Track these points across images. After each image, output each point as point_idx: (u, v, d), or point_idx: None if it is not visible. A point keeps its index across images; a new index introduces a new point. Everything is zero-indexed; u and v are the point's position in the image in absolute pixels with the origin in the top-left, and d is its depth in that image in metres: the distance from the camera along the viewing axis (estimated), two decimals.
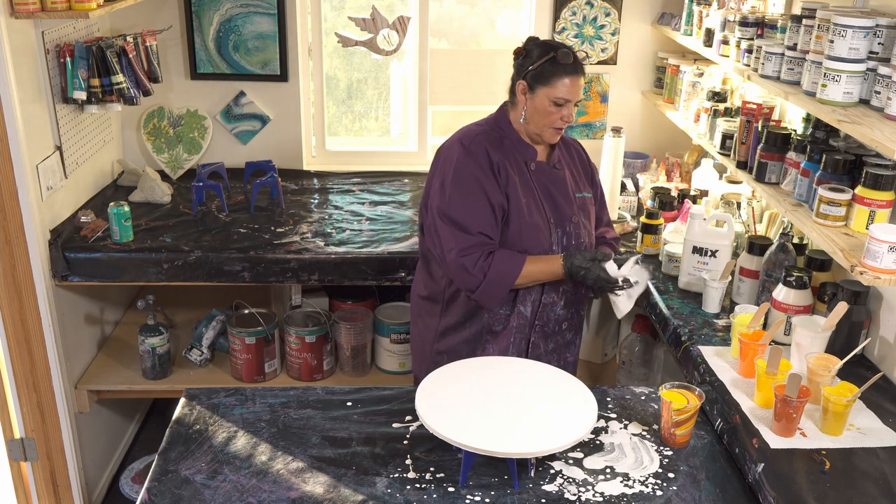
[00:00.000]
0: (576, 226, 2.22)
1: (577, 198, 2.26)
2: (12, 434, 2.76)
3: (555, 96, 2.10)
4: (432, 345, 2.30)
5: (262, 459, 1.78)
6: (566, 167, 2.27)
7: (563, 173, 2.25)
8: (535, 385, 1.86)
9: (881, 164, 1.95)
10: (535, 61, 2.11)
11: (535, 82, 2.11)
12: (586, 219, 2.27)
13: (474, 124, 2.27)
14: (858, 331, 2.03)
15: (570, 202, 2.23)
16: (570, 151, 2.33)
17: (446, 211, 2.13)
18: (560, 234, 2.19)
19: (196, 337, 3.02)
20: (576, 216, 2.23)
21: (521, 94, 2.15)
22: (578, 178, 2.30)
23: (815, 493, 1.61)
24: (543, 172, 2.22)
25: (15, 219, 2.51)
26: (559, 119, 2.13)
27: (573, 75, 2.10)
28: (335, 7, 3.54)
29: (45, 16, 2.46)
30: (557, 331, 2.28)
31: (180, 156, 3.44)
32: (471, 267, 2.10)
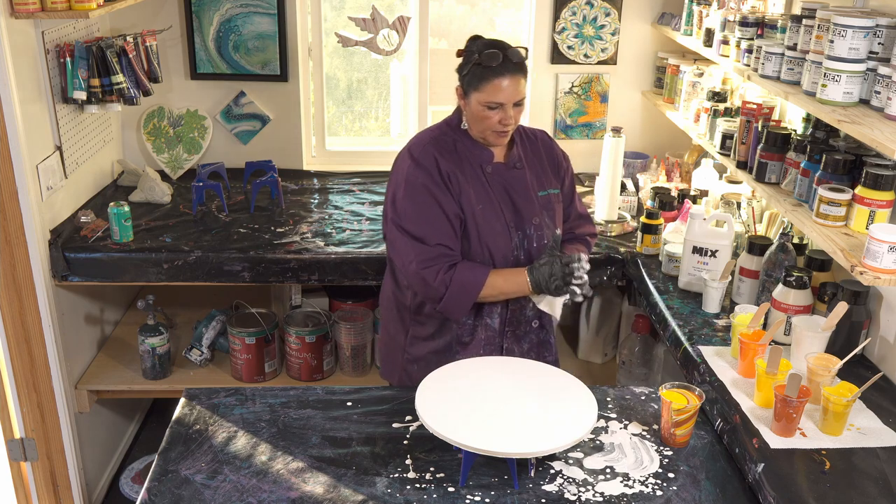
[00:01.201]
0: (537, 227, 2.14)
1: (541, 196, 2.18)
2: (12, 434, 2.76)
3: (486, 101, 2.01)
4: (402, 352, 2.25)
5: (262, 459, 1.78)
6: (528, 165, 2.19)
7: (523, 173, 2.17)
8: (535, 385, 1.86)
9: (881, 164, 1.95)
10: (466, 65, 2.05)
11: (468, 87, 2.04)
12: (551, 218, 2.19)
13: (427, 130, 2.19)
14: (858, 331, 2.03)
15: (531, 202, 2.15)
16: (534, 146, 2.23)
17: (402, 223, 2.07)
18: (521, 237, 2.13)
19: (196, 337, 3.02)
20: (538, 217, 2.15)
21: (460, 100, 2.09)
22: (543, 174, 2.21)
23: (815, 493, 1.61)
24: (501, 174, 2.14)
25: (15, 219, 2.51)
26: (498, 123, 2.03)
27: (504, 76, 1.99)
28: (335, 7, 3.54)
29: (45, 16, 2.46)
30: (529, 330, 2.23)
31: (180, 156, 3.44)
32: (432, 280, 2.04)
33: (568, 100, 3.54)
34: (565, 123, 3.57)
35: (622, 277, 2.82)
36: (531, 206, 2.15)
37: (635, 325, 2.94)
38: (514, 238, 2.13)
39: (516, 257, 2.14)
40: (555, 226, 2.20)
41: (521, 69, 2.03)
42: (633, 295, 3.03)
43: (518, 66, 2.02)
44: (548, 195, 2.20)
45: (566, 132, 3.59)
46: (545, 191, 2.20)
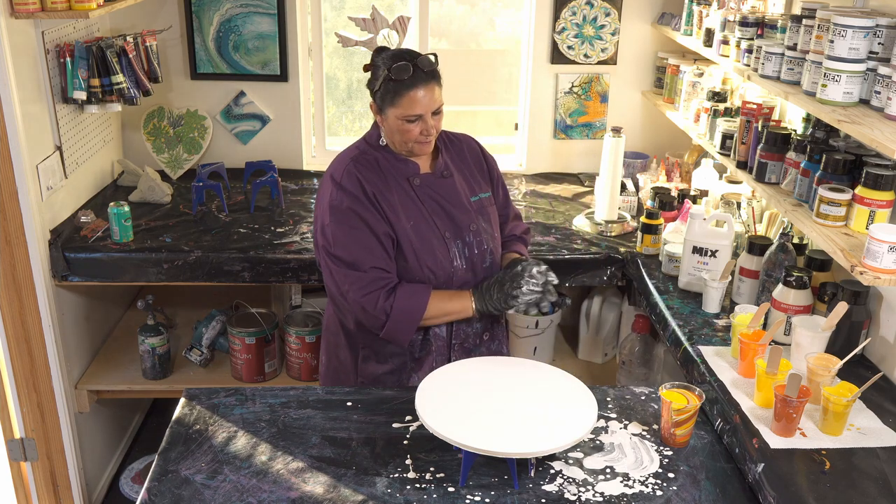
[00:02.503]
0: (475, 233, 2.09)
1: (474, 202, 2.12)
2: (12, 434, 2.76)
3: (403, 115, 1.95)
4: (354, 376, 2.18)
5: (262, 459, 1.78)
6: (456, 171, 2.13)
7: (452, 180, 2.11)
8: (535, 385, 1.86)
9: (881, 164, 1.95)
10: (377, 80, 1.98)
11: (382, 103, 1.98)
12: (487, 222, 2.13)
13: (346, 150, 2.11)
14: (858, 331, 2.03)
15: (465, 210, 2.09)
16: (459, 151, 2.17)
17: (333, 251, 2.00)
18: (460, 246, 2.07)
19: (196, 337, 3.02)
20: (475, 223, 2.10)
21: (376, 115, 2.03)
22: (472, 178, 2.16)
23: (815, 493, 1.61)
24: (430, 185, 2.07)
25: (15, 219, 2.51)
26: (419, 133, 1.98)
27: (418, 87, 1.93)
28: (335, 7, 3.54)
29: (45, 16, 2.46)
30: (478, 343, 2.18)
31: (180, 156, 3.44)
32: (371, 308, 1.98)
33: (568, 100, 3.54)
34: (565, 123, 3.57)
35: (622, 277, 2.82)
36: (466, 213, 2.10)
37: (635, 325, 2.94)
38: (453, 248, 2.07)
39: (458, 268, 2.07)
40: (492, 229, 2.15)
41: (433, 77, 1.98)
42: (633, 295, 3.03)
43: (430, 74, 1.97)
44: (480, 199, 2.14)
45: (566, 132, 3.59)
46: (477, 195, 2.14)
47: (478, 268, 2.12)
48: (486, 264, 2.13)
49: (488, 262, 2.13)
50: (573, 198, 3.34)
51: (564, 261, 2.77)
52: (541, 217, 3.10)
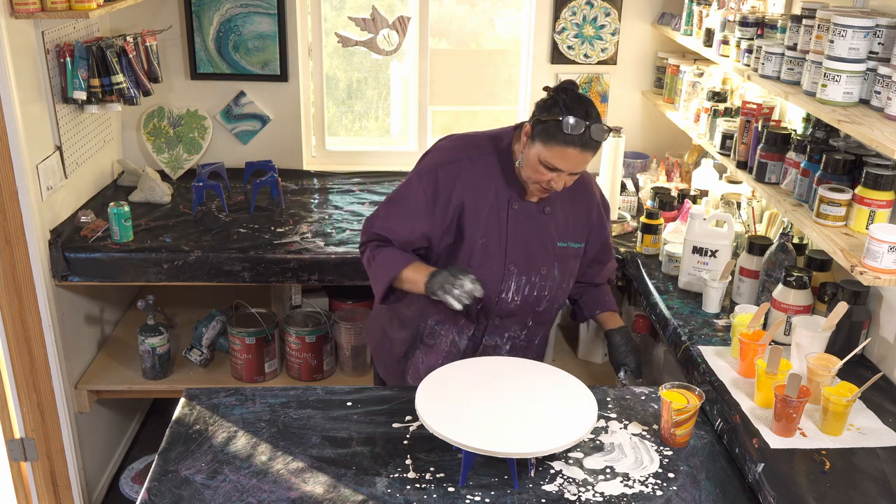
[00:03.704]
0: (544, 277, 2.07)
1: (560, 248, 2.09)
2: (12, 434, 2.76)
3: (546, 160, 1.90)
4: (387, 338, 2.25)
5: (262, 459, 1.78)
6: (560, 210, 2.08)
7: (549, 219, 2.07)
8: (535, 385, 1.86)
9: (881, 164, 1.95)
10: (547, 113, 1.92)
11: (537, 136, 1.92)
12: (562, 271, 2.10)
13: (482, 138, 2.09)
14: (858, 331, 2.03)
15: (545, 252, 2.07)
16: (573, 192, 2.08)
17: (391, 195, 2.11)
18: (523, 282, 2.06)
19: (196, 337, 3.02)
20: (547, 267, 2.07)
21: (524, 136, 1.97)
22: (571, 224, 2.10)
23: (815, 493, 1.61)
24: (525, 213, 2.05)
25: (15, 219, 2.51)
26: (547, 182, 1.94)
27: (575, 147, 1.87)
28: (335, 7, 3.54)
29: (45, 16, 2.46)
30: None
31: (180, 156, 3.44)
32: (363, 249, 2.13)
33: None
34: None
35: (622, 277, 2.82)
36: (545, 255, 2.07)
37: (635, 325, 2.94)
38: (512, 281, 2.05)
39: (505, 299, 2.06)
40: (563, 280, 2.12)
41: (595, 147, 1.91)
42: (633, 295, 3.02)
43: (595, 144, 1.90)
44: (567, 248, 2.10)
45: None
46: (565, 242, 2.10)
47: (530, 308, 2.12)
48: (541, 308, 2.13)
49: (543, 307, 2.13)
50: None
51: None
52: None
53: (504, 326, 2.14)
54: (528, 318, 2.14)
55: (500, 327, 2.13)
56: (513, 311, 2.11)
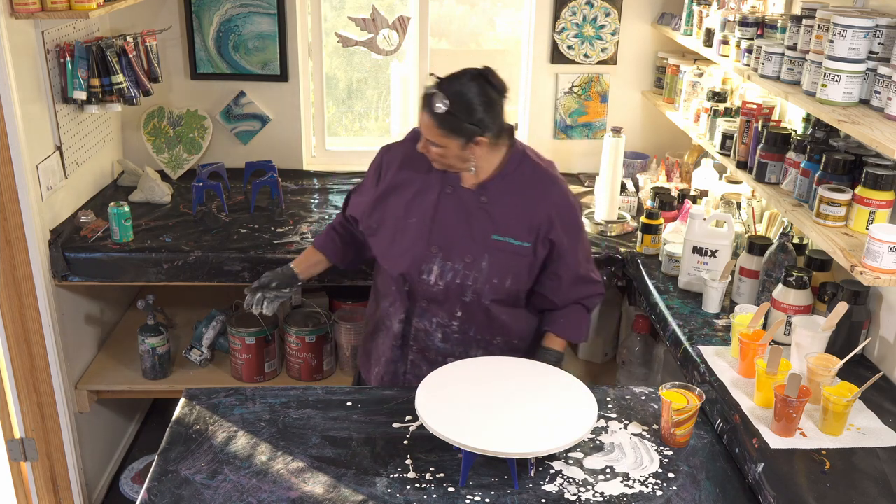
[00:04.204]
0: (468, 266, 2.07)
1: (494, 240, 2.08)
2: (12, 434, 2.76)
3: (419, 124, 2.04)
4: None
5: (262, 459, 1.78)
6: (498, 204, 2.07)
7: (487, 208, 2.07)
8: (535, 385, 1.86)
9: (881, 164, 1.95)
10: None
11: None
12: (493, 264, 2.07)
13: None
14: (858, 331, 2.03)
15: (474, 240, 2.07)
16: (527, 191, 2.09)
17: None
18: (448, 267, 2.08)
19: (196, 337, 3.02)
20: (473, 256, 2.07)
21: None
22: (513, 220, 2.08)
23: (815, 493, 1.61)
24: (460, 200, 2.08)
25: (15, 219, 2.51)
26: (423, 147, 2.04)
27: (423, 111, 1.99)
28: (335, 7, 3.54)
29: (45, 16, 2.46)
30: (440, 362, 2.16)
31: (180, 156, 3.44)
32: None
33: (568, 100, 3.54)
34: (565, 123, 3.57)
35: (622, 277, 2.82)
36: (471, 243, 2.08)
37: (635, 325, 2.94)
38: (435, 264, 2.08)
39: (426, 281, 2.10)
40: (493, 274, 2.08)
41: (436, 117, 1.97)
42: (633, 295, 3.02)
43: (433, 109, 1.97)
44: (504, 242, 2.08)
45: (566, 132, 3.59)
46: (503, 237, 2.08)
47: (455, 296, 2.12)
48: (467, 299, 2.12)
49: (469, 298, 2.12)
50: None
51: None
52: None
53: (431, 311, 2.15)
54: (455, 308, 2.14)
55: (428, 311, 2.16)
56: (437, 296, 2.12)
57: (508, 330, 2.18)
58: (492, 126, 2.00)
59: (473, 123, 1.97)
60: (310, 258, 2.39)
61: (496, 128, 2.02)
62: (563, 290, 2.17)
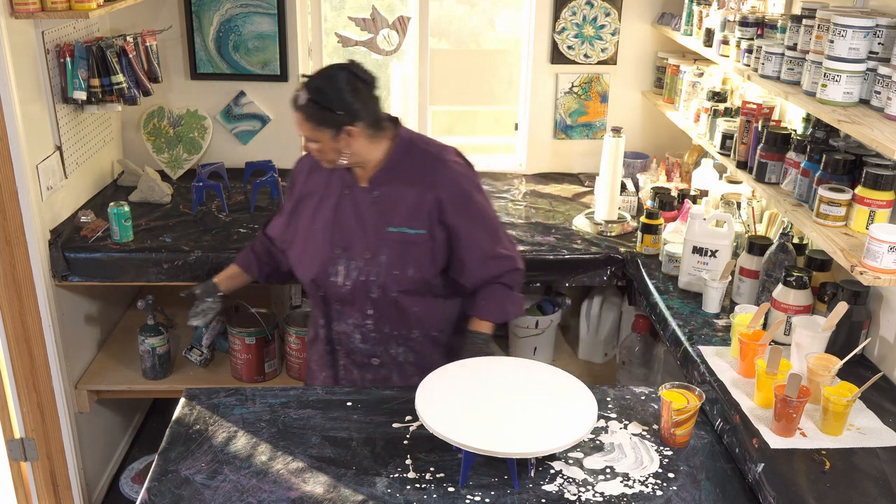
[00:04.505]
0: (368, 262, 2.09)
1: (390, 232, 2.09)
2: (12, 434, 2.76)
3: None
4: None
5: (262, 459, 1.78)
6: (396, 194, 2.09)
7: (379, 203, 2.09)
8: (535, 385, 1.86)
9: (881, 164, 1.95)
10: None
11: None
12: (392, 256, 2.09)
13: None
14: (858, 331, 2.03)
15: (370, 236, 2.10)
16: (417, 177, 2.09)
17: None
18: (352, 266, 2.11)
19: (196, 337, 3.02)
20: (371, 252, 2.09)
21: None
22: (408, 209, 2.08)
23: (815, 493, 1.61)
24: (357, 199, 2.11)
25: (15, 219, 2.51)
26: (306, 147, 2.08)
27: (293, 110, 2.04)
28: (335, 7, 3.54)
29: (45, 16, 2.46)
30: (366, 364, 2.21)
31: (180, 156, 3.44)
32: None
33: (568, 100, 3.54)
34: (565, 123, 3.57)
35: (622, 277, 2.82)
36: (368, 239, 2.10)
37: (635, 325, 2.94)
38: (340, 265, 2.11)
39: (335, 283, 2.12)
40: (393, 266, 2.10)
41: (302, 110, 2.01)
42: (633, 295, 3.02)
43: (300, 107, 2.01)
44: (400, 233, 2.09)
45: (566, 132, 3.59)
46: (397, 227, 2.09)
47: (363, 294, 2.14)
48: (374, 295, 2.13)
49: (376, 294, 2.13)
50: (573, 198, 3.34)
51: (564, 261, 2.77)
52: (541, 217, 3.10)
53: (346, 313, 2.18)
54: (366, 306, 2.15)
55: (343, 313, 2.18)
56: (346, 297, 2.15)
57: (423, 322, 2.19)
58: (363, 115, 2.03)
59: (341, 111, 2.00)
60: (229, 272, 2.44)
61: (369, 117, 2.05)
62: (471, 272, 2.15)
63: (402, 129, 2.16)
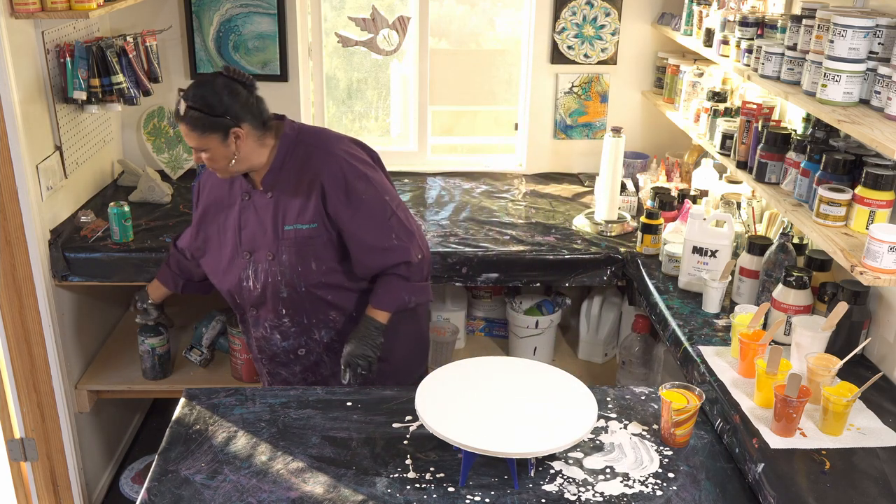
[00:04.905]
0: (272, 262, 2.13)
1: (287, 230, 2.11)
2: (12, 434, 2.76)
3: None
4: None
5: (262, 459, 1.78)
6: (286, 193, 2.11)
7: (274, 203, 2.12)
8: (534, 385, 1.87)
9: (881, 164, 1.95)
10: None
11: None
12: (293, 254, 2.12)
13: None
14: (858, 331, 2.03)
15: (270, 237, 2.12)
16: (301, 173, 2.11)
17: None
18: (259, 269, 2.15)
19: (196, 337, 3.02)
20: (273, 252, 2.12)
21: None
22: (299, 205, 2.10)
23: (815, 493, 1.61)
24: (255, 203, 2.14)
25: (15, 219, 2.51)
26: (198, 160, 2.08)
27: (178, 123, 2.05)
28: (335, 7, 3.54)
29: (45, 16, 2.46)
30: (294, 358, 2.25)
31: (180, 156, 3.44)
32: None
33: (568, 100, 3.54)
34: (565, 123, 3.57)
35: (622, 277, 2.82)
36: (269, 240, 2.12)
37: (635, 325, 2.94)
38: (249, 269, 2.16)
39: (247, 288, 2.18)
40: (297, 263, 2.12)
41: (188, 121, 2.00)
42: (633, 295, 3.03)
43: (185, 118, 2.01)
44: (295, 230, 2.11)
45: (566, 132, 3.59)
46: (292, 225, 2.11)
47: (273, 294, 2.17)
48: (284, 294, 2.16)
49: (286, 294, 2.16)
50: (573, 198, 3.34)
51: (564, 261, 2.77)
52: (541, 217, 3.10)
53: (261, 316, 2.22)
54: (279, 306, 2.18)
55: (259, 318, 2.22)
56: (259, 300, 2.19)
57: (339, 306, 2.21)
58: (246, 116, 2.04)
59: (222, 115, 2.01)
60: (154, 283, 2.53)
61: (253, 118, 2.06)
62: (358, 263, 2.15)
63: (287, 125, 2.17)
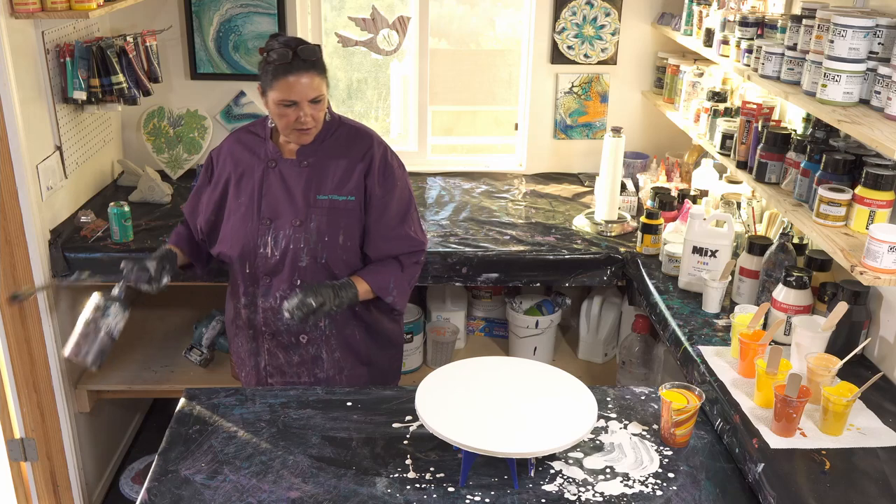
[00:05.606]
0: (297, 229, 2.12)
1: (319, 200, 2.12)
2: (12, 434, 2.76)
3: (279, 99, 2.01)
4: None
5: (262, 459, 1.78)
6: (326, 164, 2.13)
7: (309, 172, 2.13)
8: (535, 385, 1.87)
9: (881, 164, 1.95)
10: (263, 64, 2.04)
11: (264, 86, 2.05)
12: (322, 223, 2.12)
13: (261, 119, 2.26)
14: (858, 331, 2.03)
15: (299, 204, 2.12)
16: (348, 146, 2.15)
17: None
18: (280, 236, 2.13)
19: (196, 337, 3.02)
20: (301, 219, 2.11)
21: (261, 96, 2.09)
22: (339, 177, 2.13)
23: (815, 493, 1.61)
24: (284, 170, 2.14)
25: (15, 219, 2.51)
26: (296, 120, 2.03)
27: (293, 74, 1.98)
28: (335, 7, 3.54)
29: (45, 16, 2.46)
30: (295, 343, 2.22)
31: (180, 156, 3.44)
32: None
33: (568, 100, 3.54)
34: (565, 123, 3.57)
35: (622, 277, 2.82)
36: (298, 207, 2.12)
37: (635, 325, 2.94)
38: (270, 235, 2.13)
39: (263, 255, 2.15)
40: (324, 233, 2.13)
41: (313, 66, 2.01)
42: (633, 295, 3.03)
43: (310, 63, 2.01)
44: (329, 200, 2.13)
45: (566, 132, 3.59)
46: (326, 195, 2.13)
47: (292, 263, 2.15)
48: (303, 264, 2.15)
49: (305, 263, 2.15)
50: (573, 198, 3.34)
51: (564, 261, 2.77)
52: (541, 217, 3.10)
53: (274, 285, 2.18)
54: (294, 276, 2.16)
55: (272, 286, 2.18)
56: (275, 268, 2.16)
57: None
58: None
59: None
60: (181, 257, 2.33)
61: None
62: (374, 243, 2.18)
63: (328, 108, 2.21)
